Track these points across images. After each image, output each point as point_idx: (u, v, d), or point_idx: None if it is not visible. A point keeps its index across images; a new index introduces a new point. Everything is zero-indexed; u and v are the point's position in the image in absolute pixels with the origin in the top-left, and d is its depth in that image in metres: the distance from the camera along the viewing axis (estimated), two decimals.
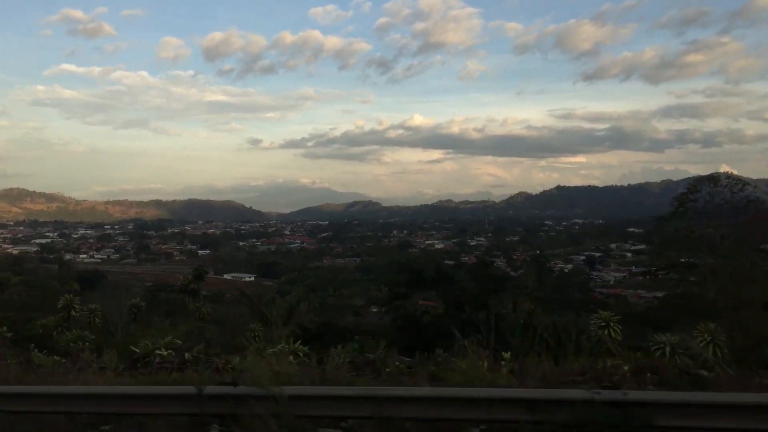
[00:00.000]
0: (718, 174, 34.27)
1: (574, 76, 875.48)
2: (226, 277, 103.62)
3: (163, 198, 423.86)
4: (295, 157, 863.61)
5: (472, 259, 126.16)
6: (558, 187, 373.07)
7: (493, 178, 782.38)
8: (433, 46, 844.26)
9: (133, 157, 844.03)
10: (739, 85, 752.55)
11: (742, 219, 31.74)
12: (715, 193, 32.18)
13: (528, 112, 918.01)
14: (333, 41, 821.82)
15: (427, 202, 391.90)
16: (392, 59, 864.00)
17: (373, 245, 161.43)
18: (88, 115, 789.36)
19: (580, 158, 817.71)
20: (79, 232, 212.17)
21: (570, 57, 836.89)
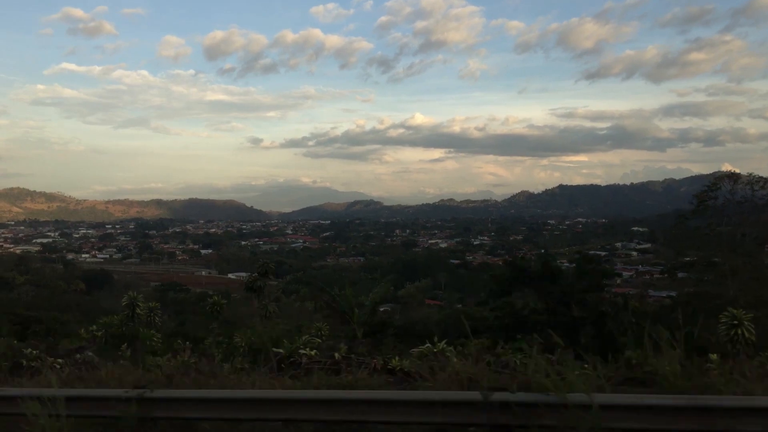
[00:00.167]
0: (731, 173, 34.01)
1: (576, 74, 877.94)
2: (231, 276, 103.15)
3: (163, 197, 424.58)
4: (296, 156, 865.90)
5: (477, 258, 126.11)
6: (560, 186, 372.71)
7: (495, 177, 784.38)
8: (434, 45, 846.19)
9: (133, 156, 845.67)
10: (742, 83, 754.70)
11: (761, 217, 31.44)
12: (735, 191, 31.91)
13: (530, 111, 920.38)
14: (334, 40, 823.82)
15: (429, 201, 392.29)
16: (393, 58, 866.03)
17: (376, 244, 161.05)
18: (88, 114, 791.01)
19: (582, 157, 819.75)
20: (80, 231, 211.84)
21: (572, 55, 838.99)
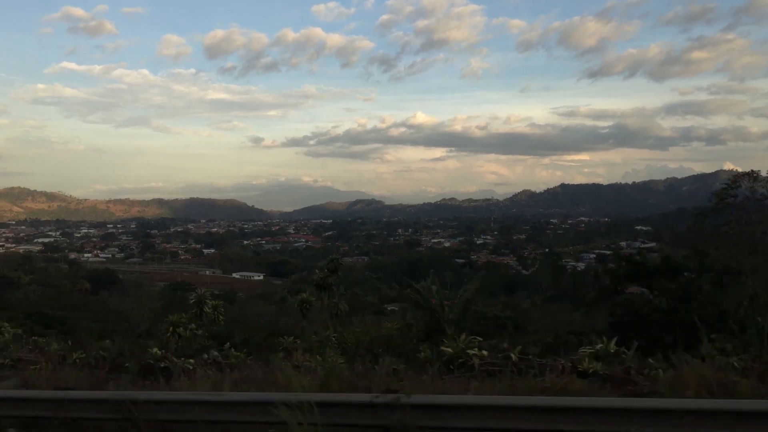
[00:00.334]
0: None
1: (579, 73, 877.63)
2: (236, 276, 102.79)
3: (164, 197, 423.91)
4: (297, 155, 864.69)
5: (481, 257, 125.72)
6: (562, 185, 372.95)
7: (497, 176, 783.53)
8: (435, 44, 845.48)
9: (134, 155, 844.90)
10: (744, 82, 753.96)
11: None
12: (755, 189, 31.45)
13: (531, 110, 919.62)
14: (335, 39, 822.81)
15: (430, 201, 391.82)
16: (395, 57, 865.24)
17: (379, 243, 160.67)
18: (88, 113, 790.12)
19: (584, 156, 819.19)
20: (82, 231, 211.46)
21: (574, 54, 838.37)
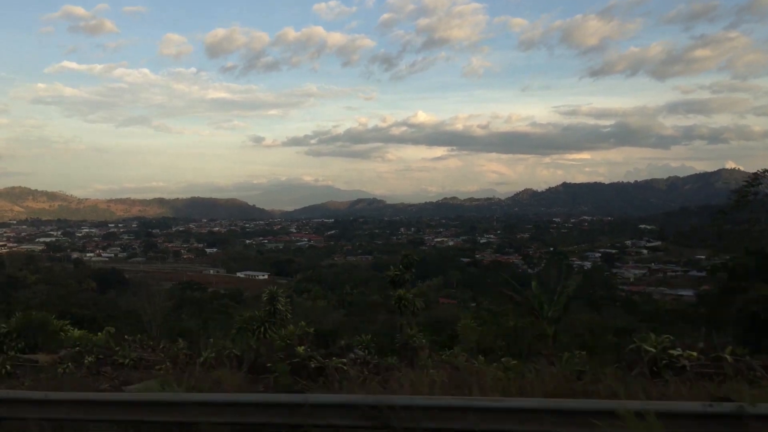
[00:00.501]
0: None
1: (580, 72, 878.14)
2: (240, 275, 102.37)
3: (165, 196, 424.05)
4: (298, 154, 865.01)
5: (486, 256, 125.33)
6: (563, 184, 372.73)
7: (498, 175, 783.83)
8: (437, 43, 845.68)
9: (135, 155, 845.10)
10: (747, 80, 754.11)
11: None
12: None
13: (533, 109, 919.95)
14: (336, 37, 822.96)
15: (431, 200, 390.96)
16: (396, 56, 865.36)
17: (382, 243, 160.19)
18: (89, 112, 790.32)
19: (586, 155, 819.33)
20: (83, 230, 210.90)
21: (576, 53, 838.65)
